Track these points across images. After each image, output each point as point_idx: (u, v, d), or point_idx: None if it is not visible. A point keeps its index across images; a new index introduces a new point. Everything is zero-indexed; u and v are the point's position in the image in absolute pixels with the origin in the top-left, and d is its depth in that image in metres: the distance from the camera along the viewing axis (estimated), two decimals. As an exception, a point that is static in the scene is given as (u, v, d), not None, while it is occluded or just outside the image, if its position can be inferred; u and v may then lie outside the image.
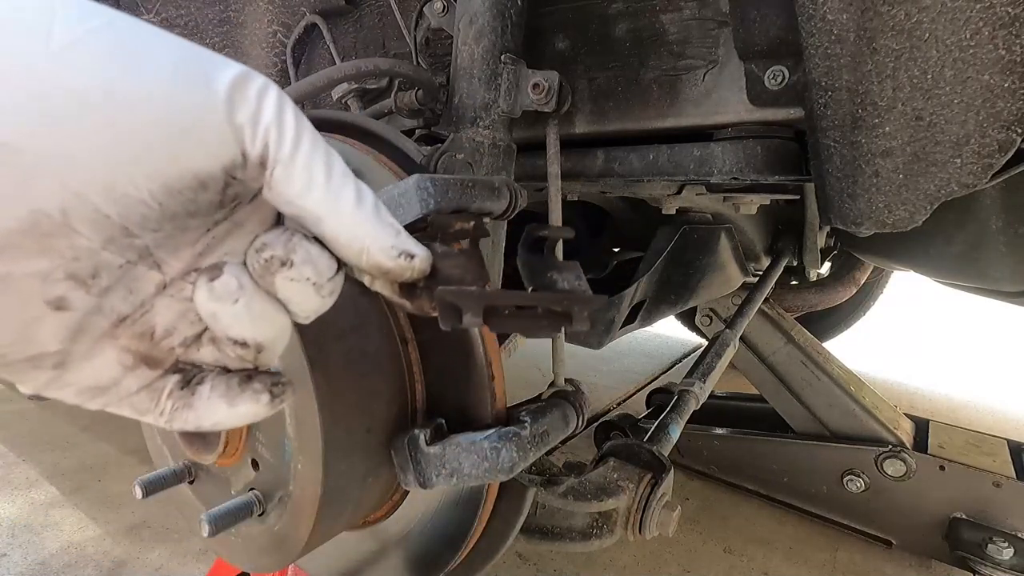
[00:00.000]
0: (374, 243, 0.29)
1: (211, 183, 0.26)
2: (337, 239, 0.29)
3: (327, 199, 0.28)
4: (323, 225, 0.28)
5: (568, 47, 0.71)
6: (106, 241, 0.25)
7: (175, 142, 0.24)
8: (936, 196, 0.50)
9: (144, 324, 0.29)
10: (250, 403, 0.31)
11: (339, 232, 0.28)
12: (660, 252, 1.08)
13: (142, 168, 0.24)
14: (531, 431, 0.49)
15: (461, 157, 0.56)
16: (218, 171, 0.25)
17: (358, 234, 0.29)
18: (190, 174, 0.25)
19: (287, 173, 0.27)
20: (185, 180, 0.25)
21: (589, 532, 0.59)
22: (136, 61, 0.23)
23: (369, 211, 0.29)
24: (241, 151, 0.26)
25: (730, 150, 0.67)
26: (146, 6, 0.96)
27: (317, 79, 0.60)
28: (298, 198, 0.27)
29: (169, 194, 0.25)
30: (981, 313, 3.57)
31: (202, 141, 0.24)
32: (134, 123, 0.23)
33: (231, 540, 0.54)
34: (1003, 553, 1.12)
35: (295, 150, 0.26)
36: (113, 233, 0.25)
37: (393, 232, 0.30)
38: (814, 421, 1.41)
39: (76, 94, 0.22)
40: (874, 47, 0.46)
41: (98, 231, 0.24)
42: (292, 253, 0.28)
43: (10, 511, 1.43)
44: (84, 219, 0.23)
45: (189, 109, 0.24)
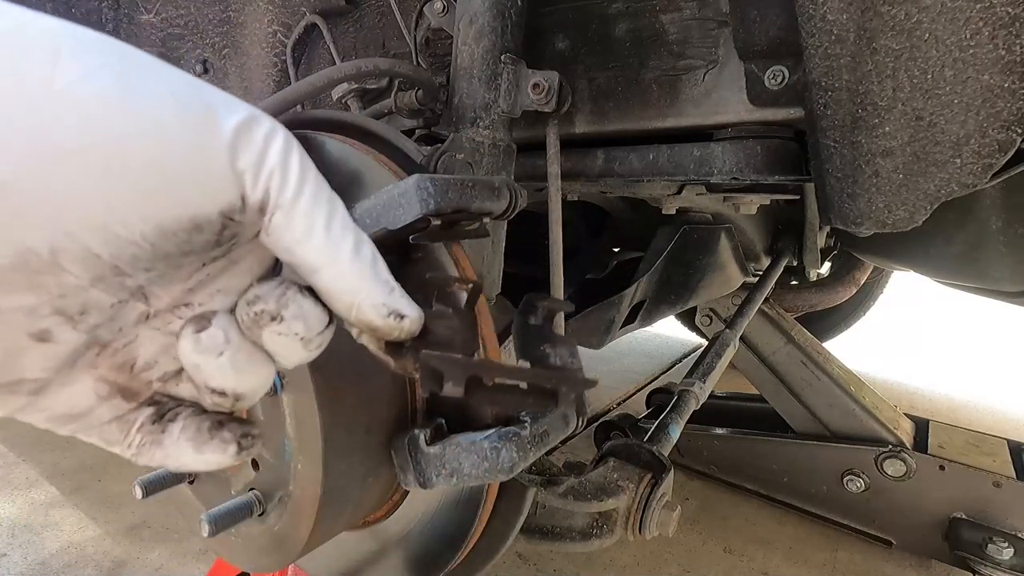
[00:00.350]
0: (366, 299, 0.28)
1: (207, 226, 0.25)
2: (330, 291, 0.28)
3: (325, 249, 0.27)
4: (318, 275, 0.28)
5: (568, 47, 0.71)
6: (95, 279, 0.24)
7: (173, 185, 0.23)
8: (936, 196, 0.50)
9: (125, 355, 0.29)
10: (216, 452, 0.30)
11: (332, 284, 0.28)
12: (660, 252, 1.08)
13: (136, 210, 0.23)
14: (531, 431, 0.49)
15: (461, 157, 0.56)
16: (215, 214, 0.25)
17: (351, 288, 0.28)
18: (186, 217, 0.24)
19: (287, 220, 0.26)
20: (180, 223, 0.24)
21: (589, 532, 0.59)
22: (141, 101, 0.23)
23: (366, 265, 0.28)
24: (241, 195, 0.25)
25: (730, 150, 0.67)
26: (146, 6, 0.96)
27: (317, 79, 0.60)
28: (296, 246, 0.27)
29: (163, 236, 0.24)
30: (981, 313, 3.57)
31: (201, 184, 0.24)
32: (133, 165, 0.22)
33: (231, 540, 0.54)
34: (1003, 553, 1.12)
35: (297, 197, 0.26)
36: (103, 272, 0.24)
37: (387, 290, 0.29)
38: (814, 421, 1.41)
39: (76, 134, 0.21)
40: (874, 47, 0.46)
41: (87, 270, 0.24)
42: (284, 308, 0.27)
43: (10, 511, 1.43)
44: (74, 258, 0.23)
45: (191, 152, 0.23)
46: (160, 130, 0.23)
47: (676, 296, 1.14)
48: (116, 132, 0.22)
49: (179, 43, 0.96)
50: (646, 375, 2.48)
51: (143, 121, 0.22)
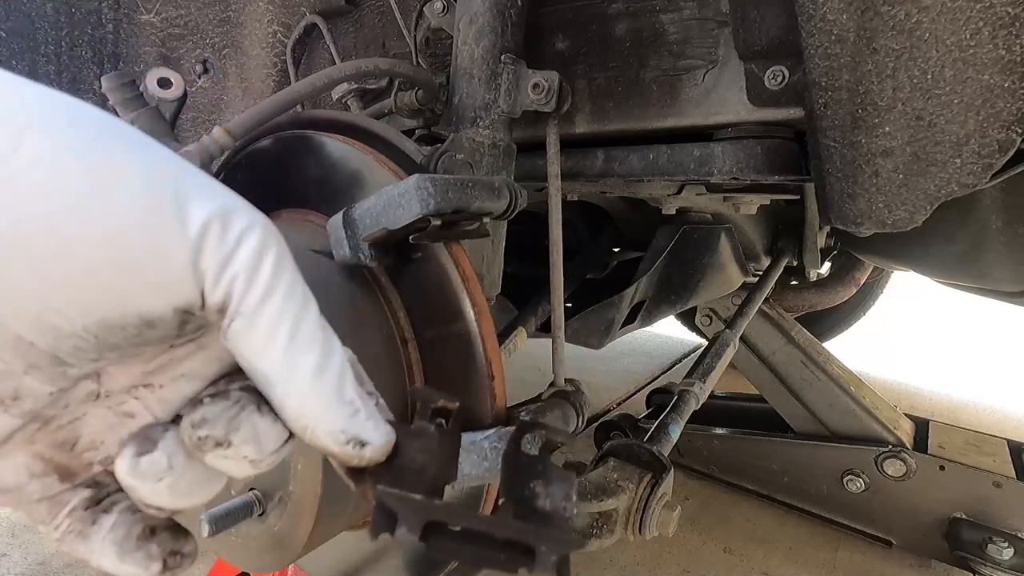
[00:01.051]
0: (320, 424, 0.26)
1: (159, 322, 0.23)
2: (283, 410, 0.26)
3: (282, 365, 0.25)
4: (272, 390, 0.25)
5: (568, 47, 0.71)
6: (30, 367, 0.22)
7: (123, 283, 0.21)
8: (936, 196, 0.50)
9: (69, 432, 0.26)
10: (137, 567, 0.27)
11: (285, 403, 0.25)
12: (660, 252, 1.08)
13: (76, 304, 0.21)
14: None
15: (461, 157, 0.56)
16: (168, 312, 0.23)
17: (306, 410, 0.25)
18: (133, 314, 0.22)
19: (247, 328, 0.24)
20: (127, 319, 0.22)
21: (589, 532, 0.59)
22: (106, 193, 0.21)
23: (328, 385, 0.25)
24: (200, 294, 0.23)
25: (730, 150, 0.67)
26: (146, 6, 0.96)
27: (317, 79, 0.60)
28: (252, 357, 0.25)
29: (108, 330, 0.22)
30: (981, 313, 3.57)
31: (155, 283, 0.22)
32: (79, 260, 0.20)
33: (231, 540, 0.54)
34: (1003, 553, 1.12)
35: (262, 304, 0.24)
36: (38, 361, 0.22)
37: (349, 412, 0.26)
38: (814, 421, 1.41)
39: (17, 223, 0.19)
40: (874, 47, 0.46)
41: (20, 357, 0.21)
42: (233, 432, 0.25)
43: (10, 511, 1.43)
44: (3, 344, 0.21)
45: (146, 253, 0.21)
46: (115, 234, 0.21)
47: (676, 296, 1.14)
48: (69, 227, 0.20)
49: (179, 43, 0.96)
50: (646, 375, 2.48)
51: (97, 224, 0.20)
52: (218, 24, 0.93)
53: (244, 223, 0.24)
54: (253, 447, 0.25)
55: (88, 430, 0.27)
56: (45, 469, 0.26)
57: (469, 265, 0.49)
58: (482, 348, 0.48)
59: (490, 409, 0.49)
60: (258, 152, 0.57)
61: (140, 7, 0.96)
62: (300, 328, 0.25)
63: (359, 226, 0.44)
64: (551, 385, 0.60)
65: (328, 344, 0.26)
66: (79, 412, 0.26)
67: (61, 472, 0.27)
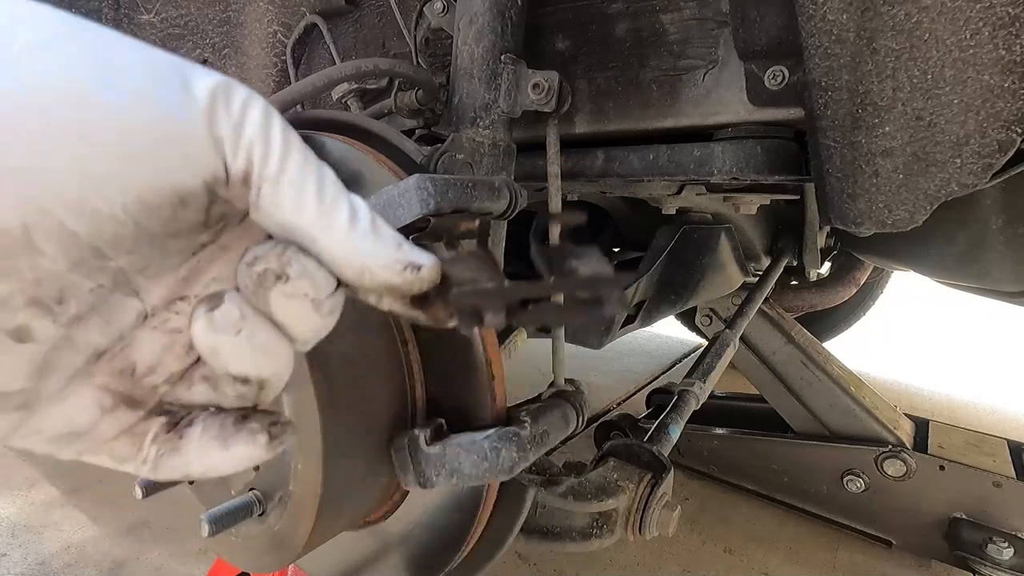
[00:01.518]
0: (376, 260, 0.27)
1: (192, 200, 0.23)
2: (334, 260, 0.26)
3: (320, 218, 0.25)
4: (318, 246, 0.26)
5: (568, 47, 0.71)
6: (73, 263, 0.22)
7: (151, 152, 0.22)
8: (936, 196, 0.50)
9: (124, 360, 0.27)
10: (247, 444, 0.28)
11: (336, 252, 0.26)
12: (660, 252, 1.08)
13: (115, 181, 0.21)
14: (531, 431, 0.49)
15: (461, 157, 0.56)
16: (199, 187, 0.23)
17: (358, 252, 0.26)
18: (168, 188, 0.22)
19: (275, 192, 0.24)
20: (163, 195, 0.22)
21: (589, 532, 0.59)
22: (110, 65, 0.21)
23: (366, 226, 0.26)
24: (223, 165, 0.23)
25: (730, 150, 0.67)
26: (146, 6, 0.96)
27: (317, 79, 0.60)
28: (288, 219, 0.25)
29: (146, 211, 0.22)
30: (981, 313, 3.57)
31: (181, 152, 0.22)
32: (106, 130, 0.21)
33: (231, 540, 0.54)
34: (1003, 553, 1.12)
35: (282, 167, 0.24)
36: (82, 254, 0.22)
37: (395, 245, 0.27)
38: (814, 421, 1.41)
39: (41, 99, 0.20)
40: (874, 47, 0.46)
41: (65, 251, 0.22)
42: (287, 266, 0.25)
43: (10, 511, 1.43)
44: (49, 237, 0.21)
45: (167, 117, 0.22)
46: (134, 94, 0.21)
47: (676, 296, 1.14)
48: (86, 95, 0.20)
49: (179, 43, 0.96)
50: (646, 375, 2.48)
51: (115, 84, 0.21)
52: (218, 24, 0.93)
53: (244, 93, 0.24)
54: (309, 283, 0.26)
55: (142, 354, 0.27)
56: (114, 402, 0.26)
57: None
58: (482, 348, 0.48)
59: (490, 409, 0.49)
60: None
61: (140, 7, 0.96)
62: (324, 183, 0.26)
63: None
64: (551, 385, 0.60)
65: (352, 195, 0.27)
66: (129, 338, 0.27)
67: (129, 402, 0.27)
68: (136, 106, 0.21)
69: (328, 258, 0.26)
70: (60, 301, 0.23)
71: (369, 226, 0.27)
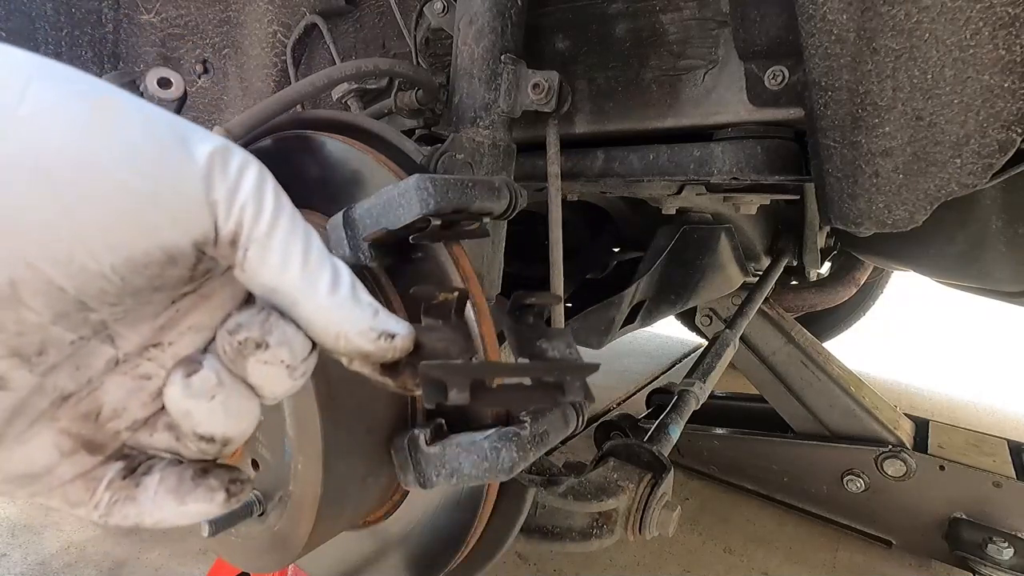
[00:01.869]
0: (352, 327, 0.27)
1: (181, 259, 0.24)
2: (312, 323, 0.27)
3: (303, 281, 0.26)
4: (297, 308, 0.27)
5: (568, 47, 0.71)
6: (57, 316, 0.23)
7: (144, 214, 0.22)
8: (936, 196, 0.50)
9: (90, 403, 0.27)
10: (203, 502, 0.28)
11: (314, 317, 0.27)
12: (660, 252, 1.08)
13: (107, 239, 0.22)
14: (531, 431, 0.49)
15: (461, 157, 0.56)
16: (188, 246, 0.24)
17: (335, 319, 0.27)
18: (157, 248, 0.23)
19: (262, 253, 0.25)
20: (152, 255, 0.23)
21: (589, 532, 0.59)
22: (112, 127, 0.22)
23: (346, 293, 0.27)
24: (214, 226, 0.24)
25: (730, 150, 0.67)
26: (146, 6, 0.96)
27: (317, 79, 0.60)
28: (272, 280, 0.26)
29: (133, 269, 0.23)
30: (981, 313, 3.57)
31: (173, 213, 0.23)
32: (102, 192, 0.21)
33: (231, 540, 0.54)
34: (1003, 553, 1.12)
35: (272, 230, 0.25)
36: (66, 308, 0.23)
37: (371, 313, 0.28)
38: (814, 421, 1.41)
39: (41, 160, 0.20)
40: (874, 47, 0.46)
41: (50, 305, 0.22)
42: (268, 335, 0.26)
43: (10, 511, 1.43)
44: (36, 292, 0.21)
45: (164, 180, 0.23)
46: (133, 156, 0.22)
47: (676, 296, 1.14)
48: (85, 158, 0.21)
49: (179, 43, 0.96)
50: (646, 375, 2.48)
51: (115, 147, 0.22)
52: (218, 24, 0.93)
53: (241, 157, 0.25)
54: (287, 350, 0.26)
55: (109, 399, 0.27)
56: (73, 446, 0.26)
57: (469, 265, 0.49)
58: (482, 348, 0.48)
59: (490, 409, 0.49)
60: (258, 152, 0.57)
61: (140, 7, 0.96)
62: (310, 248, 0.27)
63: (359, 226, 0.44)
64: (551, 385, 0.60)
65: (336, 260, 0.28)
66: (97, 382, 0.27)
67: (89, 446, 0.27)
68: (133, 169, 0.22)
69: (306, 322, 0.27)
70: (40, 352, 0.23)
71: (349, 292, 0.28)
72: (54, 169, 0.20)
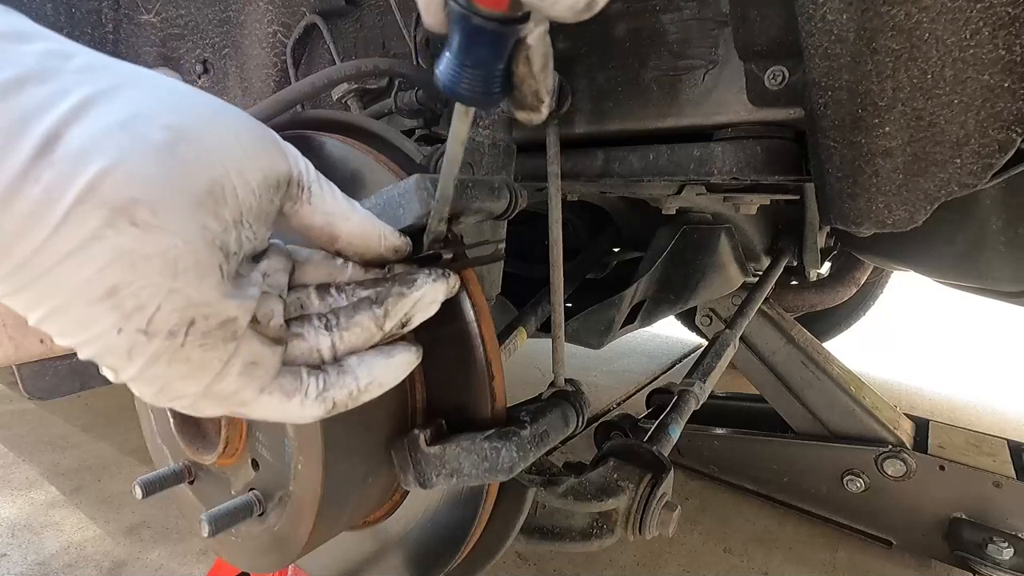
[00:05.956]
0: (385, 228, 0.41)
1: (281, 187, 0.34)
2: (363, 231, 0.39)
3: (348, 206, 0.39)
4: (349, 223, 0.38)
5: (568, 47, 0.71)
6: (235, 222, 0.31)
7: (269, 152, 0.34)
8: (936, 196, 0.50)
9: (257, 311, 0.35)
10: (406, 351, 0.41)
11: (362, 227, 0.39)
12: (660, 252, 1.08)
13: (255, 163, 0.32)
14: (531, 431, 0.49)
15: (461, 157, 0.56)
16: (284, 178, 0.34)
17: (376, 225, 0.40)
18: (274, 175, 0.33)
19: (320, 192, 0.37)
20: (269, 180, 0.33)
21: (589, 532, 0.59)
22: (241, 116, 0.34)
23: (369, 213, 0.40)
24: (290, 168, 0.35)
25: (730, 150, 0.67)
26: (147, 6, 0.96)
27: (317, 79, 0.60)
28: (330, 206, 0.38)
29: (264, 188, 0.33)
30: (981, 313, 3.57)
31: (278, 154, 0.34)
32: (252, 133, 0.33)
33: (231, 540, 0.54)
34: (1003, 553, 1.12)
35: (318, 178, 0.37)
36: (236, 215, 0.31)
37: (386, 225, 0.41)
38: (814, 421, 1.41)
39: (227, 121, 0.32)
40: (874, 47, 0.46)
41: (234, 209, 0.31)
42: None
43: (10, 511, 1.43)
44: (230, 194, 0.30)
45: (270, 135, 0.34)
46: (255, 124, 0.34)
47: (676, 296, 1.14)
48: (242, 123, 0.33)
49: (179, 43, 0.96)
50: (646, 375, 2.48)
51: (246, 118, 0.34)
52: (218, 24, 0.93)
53: None
54: None
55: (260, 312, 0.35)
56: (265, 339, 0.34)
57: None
58: (482, 348, 0.48)
59: (490, 409, 0.49)
60: (258, 152, 0.57)
61: (140, 7, 0.96)
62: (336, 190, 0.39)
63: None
64: (551, 385, 0.60)
65: None
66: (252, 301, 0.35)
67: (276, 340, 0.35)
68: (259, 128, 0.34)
69: (358, 232, 0.39)
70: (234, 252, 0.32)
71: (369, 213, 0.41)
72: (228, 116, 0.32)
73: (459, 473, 0.46)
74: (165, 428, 0.57)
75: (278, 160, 0.34)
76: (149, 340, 0.29)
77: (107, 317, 0.28)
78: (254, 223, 0.33)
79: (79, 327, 0.28)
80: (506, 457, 0.45)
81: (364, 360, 0.39)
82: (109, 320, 0.28)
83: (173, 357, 0.30)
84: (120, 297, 0.27)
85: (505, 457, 0.45)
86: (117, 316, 0.28)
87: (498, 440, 0.46)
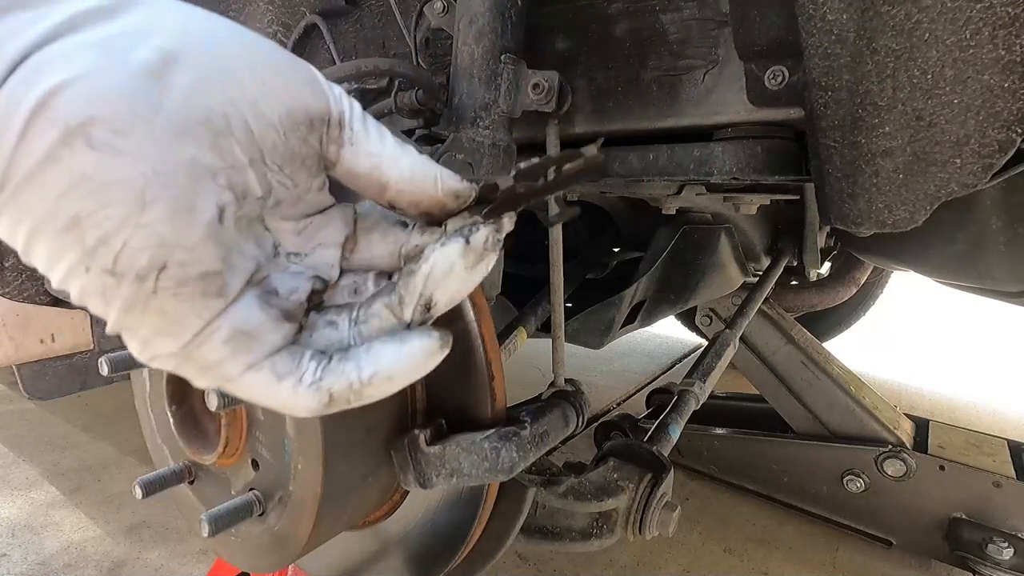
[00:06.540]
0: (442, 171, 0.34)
1: (315, 125, 0.31)
2: (415, 175, 0.33)
3: (399, 148, 0.33)
4: (400, 166, 0.33)
5: (568, 47, 0.71)
6: (251, 160, 0.29)
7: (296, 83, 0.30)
8: (936, 196, 0.50)
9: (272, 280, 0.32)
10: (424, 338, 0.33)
11: (415, 169, 0.33)
12: (660, 252, 1.08)
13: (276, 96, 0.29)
14: (531, 431, 0.49)
15: (461, 157, 0.56)
16: (318, 116, 0.31)
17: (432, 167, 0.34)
18: (303, 111, 0.30)
19: (364, 130, 0.33)
20: (297, 116, 0.30)
21: (589, 532, 0.59)
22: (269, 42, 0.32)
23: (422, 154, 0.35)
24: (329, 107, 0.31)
25: (730, 150, 0.67)
26: (146, 6, 0.96)
27: (317, 79, 0.60)
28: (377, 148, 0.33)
29: (291, 123, 0.30)
30: (981, 313, 3.57)
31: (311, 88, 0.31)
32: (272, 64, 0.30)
33: (231, 540, 0.54)
34: (1003, 553, 1.12)
35: (364, 118, 0.33)
36: (254, 153, 0.29)
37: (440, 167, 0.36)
38: (814, 421, 1.41)
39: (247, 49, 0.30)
40: (874, 47, 0.46)
41: (247, 144, 0.28)
42: None
43: (10, 511, 1.43)
44: (239, 127, 0.28)
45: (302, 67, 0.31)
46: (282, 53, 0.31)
47: (676, 296, 1.14)
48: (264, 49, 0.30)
49: (179, 43, 0.96)
50: (646, 375, 2.48)
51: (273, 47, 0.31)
52: (218, 24, 0.93)
53: None
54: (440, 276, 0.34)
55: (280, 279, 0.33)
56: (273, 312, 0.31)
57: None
58: (482, 348, 0.48)
59: (490, 409, 0.49)
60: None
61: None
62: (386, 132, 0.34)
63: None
64: (551, 385, 0.60)
65: None
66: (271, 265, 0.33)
67: (286, 315, 0.32)
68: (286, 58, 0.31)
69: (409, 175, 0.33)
70: (244, 196, 0.29)
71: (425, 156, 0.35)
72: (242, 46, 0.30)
73: (459, 473, 0.46)
74: (165, 428, 0.57)
75: (308, 96, 0.30)
76: (118, 283, 0.26)
77: (72, 251, 0.26)
78: (285, 165, 0.30)
79: (51, 260, 0.26)
80: (506, 457, 0.45)
81: (372, 348, 0.32)
82: (74, 255, 0.26)
83: (147, 306, 0.27)
84: (82, 229, 0.25)
85: (505, 457, 0.45)
86: (80, 251, 0.26)
87: (498, 440, 0.46)
